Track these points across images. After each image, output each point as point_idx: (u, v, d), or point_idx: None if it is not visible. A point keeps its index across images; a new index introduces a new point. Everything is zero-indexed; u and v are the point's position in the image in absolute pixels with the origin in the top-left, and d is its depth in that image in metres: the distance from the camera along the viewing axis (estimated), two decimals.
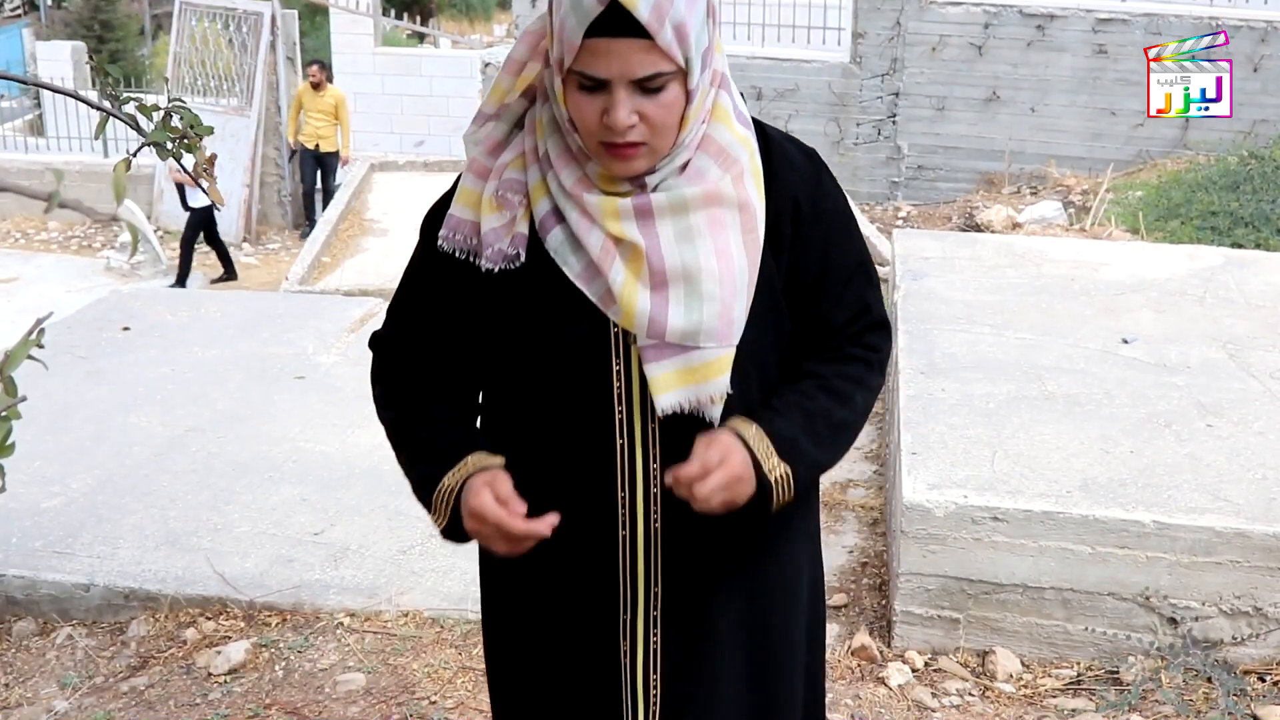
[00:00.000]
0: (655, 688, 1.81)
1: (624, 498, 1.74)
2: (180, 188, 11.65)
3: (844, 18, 12.33)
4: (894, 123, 11.86)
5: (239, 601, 3.62)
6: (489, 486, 1.69)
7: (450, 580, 3.70)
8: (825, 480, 4.30)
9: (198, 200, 11.31)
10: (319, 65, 13.66)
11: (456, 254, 1.74)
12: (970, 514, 3.20)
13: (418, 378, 1.85)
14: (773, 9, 12.72)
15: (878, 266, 1.96)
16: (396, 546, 3.88)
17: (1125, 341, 4.30)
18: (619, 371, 1.70)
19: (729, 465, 1.65)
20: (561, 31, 1.58)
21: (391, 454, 1.89)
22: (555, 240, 1.68)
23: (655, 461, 1.72)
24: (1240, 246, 7.42)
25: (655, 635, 1.79)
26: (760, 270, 1.69)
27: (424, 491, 1.80)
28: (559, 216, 1.68)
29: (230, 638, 3.50)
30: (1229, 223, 8.25)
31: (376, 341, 1.92)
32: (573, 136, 1.65)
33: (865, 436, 4.80)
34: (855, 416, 1.80)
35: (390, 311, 1.91)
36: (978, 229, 9.52)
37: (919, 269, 5.12)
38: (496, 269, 1.70)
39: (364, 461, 4.42)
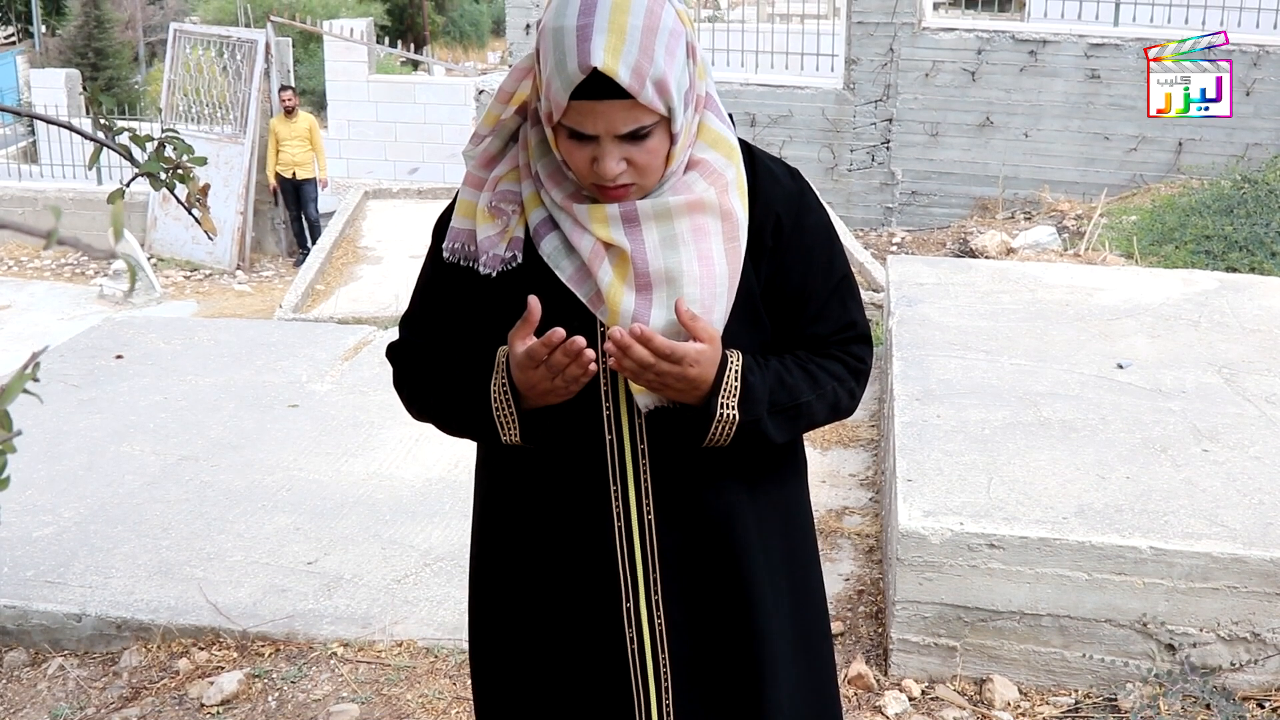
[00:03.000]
0: (665, 667, 1.85)
1: (616, 491, 1.81)
2: None
3: (837, 44, 12.39)
4: (888, 149, 11.91)
5: (232, 631, 3.60)
6: (518, 339, 1.72)
7: (444, 610, 3.68)
8: (820, 508, 4.30)
9: None
10: (291, 90, 13.67)
11: (461, 263, 1.82)
12: (966, 541, 3.19)
13: (435, 366, 1.91)
14: (766, 36, 12.79)
15: (872, 293, 1.98)
16: (390, 576, 3.86)
17: (1120, 366, 4.30)
18: (606, 370, 1.77)
19: (690, 367, 1.70)
20: (548, 90, 1.65)
21: (385, 484, 1.89)
22: (549, 246, 1.76)
23: (644, 457, 1.80)
24: (1234, 270, 7.44)
25: (659, 619, 1.84)
26: (741, 278, 1.77)
27: (480, 407, 1.81)
28: (553, 224, 1.76)
29: (223, 668, 3.48)
30: (1223, 247, 8.27)
31: (394, 350, 1.98)
32: (568, 174, 1.73)
33: (860, 463, 4.78)
34: (821, 405, 1.86)
35: (404, 321, 1.98)
36: (972, 254, 9.56)
37: (913, 295, 5.12)
38: (494, 273, 1.79)
39: (358, 491, 4.39)
